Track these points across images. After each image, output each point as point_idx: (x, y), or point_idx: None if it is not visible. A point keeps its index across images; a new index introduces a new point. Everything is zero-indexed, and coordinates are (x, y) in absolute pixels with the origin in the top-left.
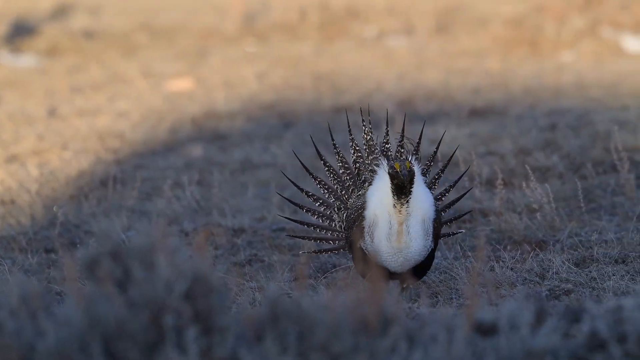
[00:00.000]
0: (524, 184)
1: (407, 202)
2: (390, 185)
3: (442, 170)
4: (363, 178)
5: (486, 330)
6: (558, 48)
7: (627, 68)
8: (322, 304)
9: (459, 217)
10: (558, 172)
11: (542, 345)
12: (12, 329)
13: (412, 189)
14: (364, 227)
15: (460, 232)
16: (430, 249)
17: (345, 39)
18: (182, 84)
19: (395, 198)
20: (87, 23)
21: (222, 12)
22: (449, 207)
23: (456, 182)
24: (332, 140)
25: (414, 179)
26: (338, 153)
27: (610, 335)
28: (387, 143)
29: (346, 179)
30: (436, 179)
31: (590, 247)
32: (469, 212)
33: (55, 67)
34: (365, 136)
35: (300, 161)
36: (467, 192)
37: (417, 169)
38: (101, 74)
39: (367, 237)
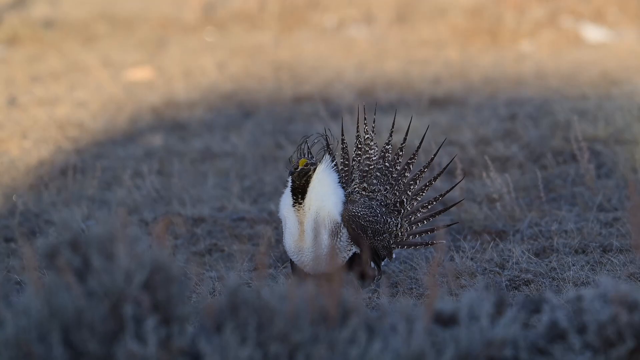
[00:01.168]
0: (484, 174)
1: (303, 200)
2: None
3: (409, 163)
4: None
5: (446, 320)
6: (517, 38)
7: (587, 58)
8: (281, 294)
9: (447, 208)
10: (518, 162)
11: (502, 335)
12: None
13: (305, 188)
14: (281, 229)
15: (440, 243)
16: (350, 252)
17: (305, 29)
18: (141, 74)
19: (292, 196)
20: (46, 12)
21: (181, 1)
22: (427, 219)
23: (445, 193)
24: (342, 135)
25: (309, 178)
26: (343, 149)
27: (570, 326)
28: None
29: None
30: (405, 169)
31: (550, 237)
32: (459, 201)
33: (14, 56)
34: (364, 134)
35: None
36: (452, 188)
37: (324, 168)
38: (61, 64)
39: (282, 238)
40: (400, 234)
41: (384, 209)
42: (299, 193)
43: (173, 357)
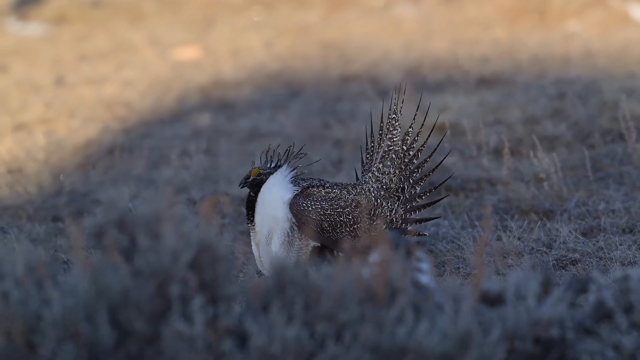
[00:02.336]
0: (531, 153)
1: (253, 219)
2: None
3: (420, 149)
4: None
5: (493, 300)
6: (565, 17)
7: (635, 37)
8: (328, 274)
9: (437, 201)
10: (566, 141)
11: (549, 315)
12: (18, 298)
13: (254, 202)
14: None
15: (423, 235)
16: (309, 247)
17: (353, 8)
18: (189, 53)
19: (246, 213)
20: None
21: None
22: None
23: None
24: (381, 114)
25: (258, 188)
26: (388, 124)
27: (617, 306)
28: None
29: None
30: (415, 156)
31: (598, 217)
32: (444, 197)
33: (62, 35)
34: (392, 114)
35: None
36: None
37: (275, 179)
38: (108, 43)
39: None
40: (394, 219)
41: (382, 192)
42: (250, 209)
43: (220, 337)
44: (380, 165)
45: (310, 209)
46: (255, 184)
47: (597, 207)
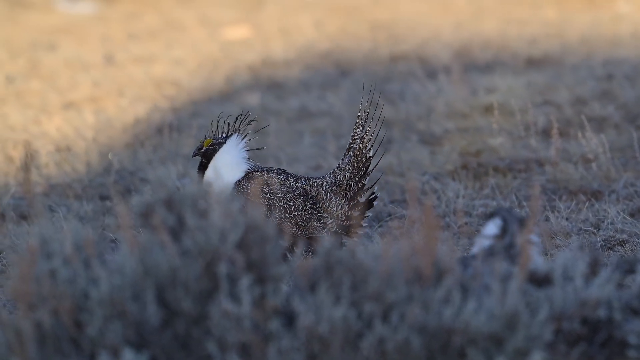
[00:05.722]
0: (579, 134)
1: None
2: None
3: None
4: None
5: (540, 280)
6: None
7: None
8: (376, 254)
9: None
10: (614, 122)
11: (596, 295)
12: (66, 277)
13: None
14: None
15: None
16: None
17: None
18: (238, 32)
19: (198, 172)
20: None
21: None
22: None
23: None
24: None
25: (210, 158)
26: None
27: None
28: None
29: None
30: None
31: None
32: (378, 178)
33: (111, 13)
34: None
35: None
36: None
37: (227, 147)
38: (157, 21)
39: None
40: (340, 214)
41: (334, 187)
42: (201, 170)
43: (267, 316)
44: (341, 162)
45: (249, 190)
46: (208, 154)
47: None
